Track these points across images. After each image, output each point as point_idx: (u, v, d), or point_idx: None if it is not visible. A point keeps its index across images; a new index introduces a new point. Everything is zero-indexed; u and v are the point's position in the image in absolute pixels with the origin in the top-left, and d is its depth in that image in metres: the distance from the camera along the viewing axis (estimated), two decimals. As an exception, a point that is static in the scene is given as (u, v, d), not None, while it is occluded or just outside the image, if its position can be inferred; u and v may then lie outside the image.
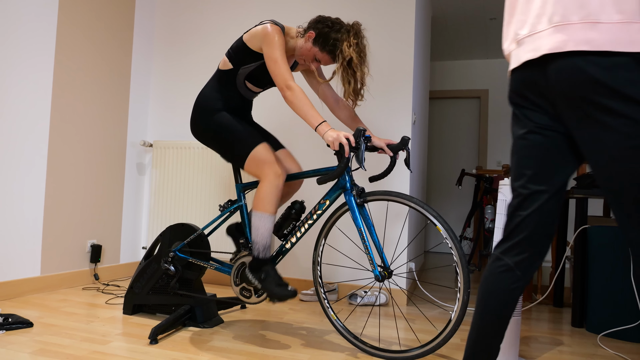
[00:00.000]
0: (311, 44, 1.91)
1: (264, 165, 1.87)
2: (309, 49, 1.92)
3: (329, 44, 1.87)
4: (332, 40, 1.86)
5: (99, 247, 3.06)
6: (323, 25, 1.89)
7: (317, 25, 1.90)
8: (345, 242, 2.96)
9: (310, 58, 1.95)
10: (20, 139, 2.58)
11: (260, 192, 1.87)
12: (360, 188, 1.88)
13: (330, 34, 1.86)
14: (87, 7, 2.97)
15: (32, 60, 2.63)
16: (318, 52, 1.91)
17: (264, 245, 1.88)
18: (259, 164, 1.88)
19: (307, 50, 1.93)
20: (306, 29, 1.94)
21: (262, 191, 1.87)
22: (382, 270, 1.80)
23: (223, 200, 3.11)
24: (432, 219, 1.73)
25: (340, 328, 1.93)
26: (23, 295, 2.60)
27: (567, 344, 2.17)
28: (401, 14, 2.94)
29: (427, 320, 2.47)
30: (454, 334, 1.69)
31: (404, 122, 2.90)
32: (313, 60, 1.96)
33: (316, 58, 1.94)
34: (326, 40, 1.87)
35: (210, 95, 2.01)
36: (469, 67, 6.20)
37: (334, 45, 1.86)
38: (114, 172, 3.23)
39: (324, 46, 1.88)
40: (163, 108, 3.51)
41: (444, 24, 5.06)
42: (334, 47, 1.86)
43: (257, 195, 1.88)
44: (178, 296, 2.21)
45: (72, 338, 1.90)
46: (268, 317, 2.40)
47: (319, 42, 1.89)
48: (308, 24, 1.94)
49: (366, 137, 1.80)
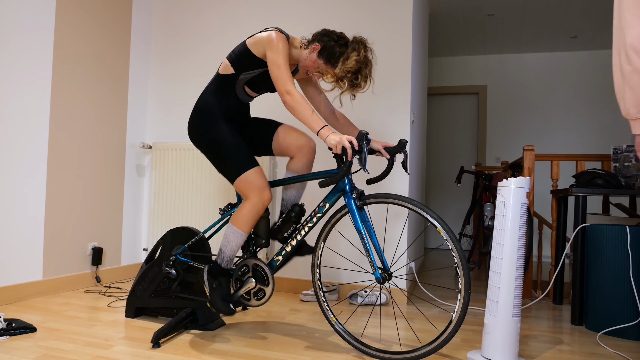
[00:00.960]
0: (316, 56, 1.92)
1: (253, 189, 1.93)
2: (313, 61, 1.94)
3: (334, 57, 1.88)
4: (337, 54, 1.88)
5: (100, 249, 3.07)
6: (329, 38, 1.91)
7: (322, 38, 1.92)
8: (345, 244, 2.97)
9: (314, 70, 1.96)
10: (20, 143, 2.58)
11: (242, 210, 1.94)
12: (360, 191, 1.89)
13: (335, 48, 1.88)
14: (83, 11, 2.97)
15: (30, 65, 2.63)
16: (322, 65, 1.93)
17: (229, 257, 1.98)
18: (247, 186, 1.93)
19: (312, 62, 1.94)
20: (310, 41, 1.95)
21: (244, 210, 1.93)
22: (383, 273, 1.81)
23: (222, 199, 3.12)
24: (432, 221, 1.74)
25: (340, 331, 1.94)
26: (26, 299, 2.61)
27: (567, 342, 2.19)
28: (398, 11, 2.94)
29: (427, 320, 2.48)
30: (455, 334, 1.70)
31: (403, 122, 2.90)
32: (317, 72, 1.97)
33: (320, 70, 1.95)
34: (332, 53, 1.89)
35: (209, 100, 2.01)
36: (467, 63, 6.20)
37: (339, 59, 1.87)
38: (114, 175, 3.24)
39: (328, 59, 1.90)
40: (161, 110, 3.51)
41: (442, 20, 5.05)
42: (338, 60, 1.88)
43: (238, 212, 1.94)
44: (180, 299, 2.22)
45: (75, 343, 1.91)
46: (269, 318, 2.41)
47: (324, 55, 1.90)
48: (312, 36, 1.96)
49: (367, 140, 1.81)
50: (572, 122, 5.80)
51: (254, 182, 1.92)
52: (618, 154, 2.76)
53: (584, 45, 5.63)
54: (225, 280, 1.96)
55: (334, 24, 3.08)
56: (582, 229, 2.57)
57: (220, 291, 1.94)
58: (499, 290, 1.80)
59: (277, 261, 2.00)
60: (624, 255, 2.32)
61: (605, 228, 2.39)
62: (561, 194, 2.90)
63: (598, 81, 5.73)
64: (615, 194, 2.58)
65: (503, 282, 1.79)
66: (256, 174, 1.93)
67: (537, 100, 5.93)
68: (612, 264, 2.35)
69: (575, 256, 2.58)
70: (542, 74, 5.92)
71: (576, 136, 5.79)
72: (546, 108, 5.89)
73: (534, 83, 5.94)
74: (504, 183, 1.84)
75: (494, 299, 1.81)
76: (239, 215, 1.94)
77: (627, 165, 2.72)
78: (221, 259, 1.97)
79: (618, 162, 2.76)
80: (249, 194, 1.93)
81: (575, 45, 5.65)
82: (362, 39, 1.90)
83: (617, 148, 2.78)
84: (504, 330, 1.78)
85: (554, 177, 3.17)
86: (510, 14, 4.82)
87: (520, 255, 1.80)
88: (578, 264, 2.57)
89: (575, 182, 2.71)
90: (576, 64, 5.81)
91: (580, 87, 5.78)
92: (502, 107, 6.06)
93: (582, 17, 4.83)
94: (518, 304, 1.80)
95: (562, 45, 5.64)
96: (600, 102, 5.72)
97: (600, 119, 5.72)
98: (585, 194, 2.60)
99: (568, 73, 5.83)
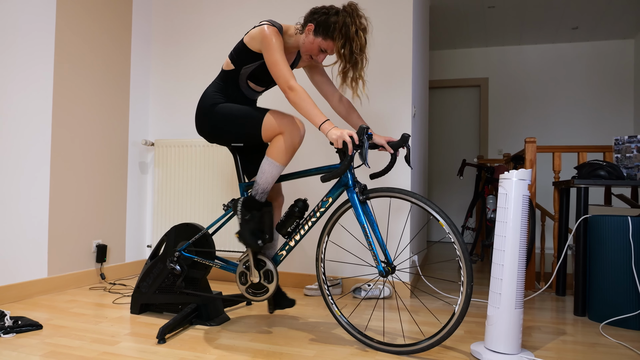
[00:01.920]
0: (313, 36, 1.91)
1: (282, 124, 1.88)
2: (311, 42, 1.93)
3: (330, 29, 1.87)
4: (332, 24, 1.86)
5: (105, 246, 3.09)
6: (319, 14, 1.90)
7: (313, 16, 1.91)
8: (348, 238, 2.98)
9: (316, 51, 1.95)
10: (23, 142, 2.59)
11: (278, 142, 1.89)
12: (363, 185, 1.90)
13: (329, 19, 1.87)
14: (84, 10, 2.97)
15: (32, 65, 2.64)
16: (322, 42, 1.91)
17: (264, 189, 1.95)
18: (275, 125, 1.89)
19: (311, 44, 1.93)
20: (304, 24, 1.95)
21: (280, 142, 1.89)
22: (386, 266, 1.82)
23: (226, 195, 3.13)
24: (435, 215, 1.75)
25: (345, 324, 1.95)
26: (32, 297, 2.63)
27: (570, 333, 2.20)
28: (399, 4, 2.93)
29: (430, 313, 2.49)
30: (457, 327, 1.71)
31: (404, 116, 2.91)
32: (319, 53, 1.96)
33: (321, 49, 1.94)
34: (327, 26, 1.87)
35: (213, 94, 2.04)
36: (468, 56, 6.19)
37: (336, 28, 1.86)
38: (117, 172, 3.25)
39: (326, 33, 1.88)
40: (163, 107, 3.51)
41: (442, 13, 5.04)
42: (335, 30, 1.86)
43: (275, 144, 1.90)
44: (184, 295, 2.23)
45: (82, 339, 1.93)
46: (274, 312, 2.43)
47: (320, 31, 1.89)
48: (304, 19, 1.95)
49: (368, 134, 1.81)
50: (573, 114, 5.79)
51: (279, 119, 1.89)
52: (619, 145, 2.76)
53: (585, 37, 5.61)
54: (258, 214, 1.94)
55: (334, 19, 3.07)
56: (584, 220, 2.58)
57: (252, 224, 1.93)
58: (502, 282, 1.81)
59: (281, 256, 2.02)
60: (626, 246, 2.32)
61: (608, 219, 2.40)
62: (563, 186, 2.90)
63: (599, 72, 5.71)
64: (617, 185, 2.58)
65: (505, 274, 1.80)
66: (276, 113, 1.91)
67: (538, 92, 5.91)
68: (615, 254, 2.36)
69: (578, 247, 2.59)
70: (543, 65, 5.90)
71: (578, 127, 5.78)
72: (548, 99, 5.88)
73: (536, 75, 5.92)
74: (506, 175, 1.85)
75: (496, 290, 1.82)
76: (276, 147, 1.90)
77: (629, 156, 2.72)
78: (255, 191, 1.95)
79: (620, 153, 2.76)
80: (282, 129, 1.88)
81: (576, 37, 5.62)
82: (352, 4, 1.87)
83: (619, 139, 2.78)
84: (507, 322, 1.79)
85: (556, 169, 3.17)
86: (511, 6, 4.80)
87: (523, 247, 1.81)
88: (580, 255, 2.58)
89: (577, 174, 2.71)
90: (578, 55, 5.79)
91: (581, 78, 5.76)
92: (503, 99, 6.05)
93: (583, 8, 4.81)
94: (521, 295, 1.81)
95: (564, 36, 5.62)
96: (602, 93, 5.71)
97: (601, 110, 5.70)
98: (587, 185, 2.60)
99: (569, 64, 5.81)
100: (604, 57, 5.71)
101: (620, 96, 5.66)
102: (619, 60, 5.66)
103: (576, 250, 2.61)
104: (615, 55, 5.67)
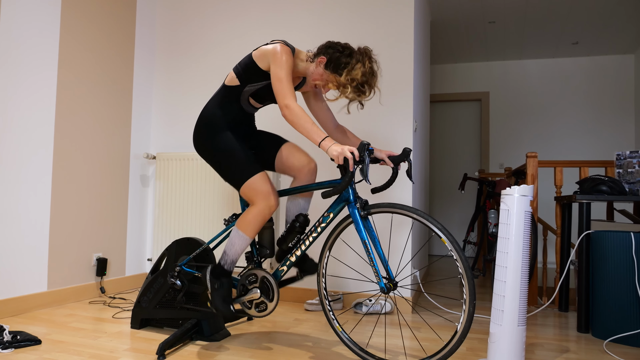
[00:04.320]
0: (322, 68, 1.93)
1: (259, 194, 1.94)
2: (320, 74, 1.94)
3: (340, 68, 1.89)
4: (343, 64, 1.89)
5: (105, 260, 3.08)
6: (334, 50, 1.92)
7: (327, 50, 1.93)
8: (350, 253, 2.97)
9: (324, 82, 1.97)
10: (25, 154, 2.60)
11: (248, 215, 1.95)
12: (364, 200, 1.90)
13: (341, 59, 1.89)
14: (88, 21, 3.00)
15: (35, 75, 2.65)
16: (329, 76, 1.93)
17: (232, 260, 2.00)
18: (253, 192, 1.94)
19: (319, 75, 1.95)
20: (316, 54, 1.96)
21: (251, 215, 1.95)
22: (387, 282, 1.81)
23: (226, 209, 3.13)
24: (437, 232, 1.74)
25: (346, 340, 1.94)
26: (31, 310, 2.62)
27: (574, 350, 2.18)
28: (400, 20, 2.95)
29: (432, 330, 2.47)
30: (460, 345, 1.69)
31: (405, 130, 2.91)
32: (326, 84, 1.98)
33: (328, 81, 1.96)
34: (338, 64, 1.89)
35: (214, 111, 2.03)
36: (469, 70, 6.22)
37: (345, 69, 1.88)
38: (118, 185, 3.25)
39: (335, 70, 1.90)
40: (165, 120, 3.53)
41: (443, 28, 5.07)
42: (344, 70, 1.89)
43: (245, 216, 1.96)
44: (185, 310, 2.22)
45: (80, 355, 1.92)
46: (274, 328, 2.41)
47: (330, 67, 1.91)
48: (318, 49, 1.96)
49: (369, 149, 1.81)
50: (574, 128, 5.80)
51: (260, 188, 1.93)
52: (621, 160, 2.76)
53: (585, 51, 5.64)
54: (227, 282, 1.98)
55: (336, 32, 3.10)
56: (586, 235, 2.56)
57: (222, 292, 1.95)
58: (504, 299, 1.79)
59: (282, 271, 2.00)
60: (629, 262, 2.31)
61: (610, 235, 2.39)
62: (565, 201, 2.90)
63: (600, 87, 5.74)
64: (619, 200, 2.57)
65: (508, 291, 1.79)
66: (262, 180, 1.94)
67: (539, 106, 5.93)
68: (618, 270, 2.34)
69: (581, 263, 2.58)
70: (544, 80, 5.92)
71: (579, 142, 5.78)
72: (548, 114, 5.89)
73: (536, 89, 5.94)
74: (508, 191, 1.84)
75: (499, 307, 1.81)
76: (245, 220, 1.95)
77: (631, 171, 2.71)
78: (224, 261, 1.99)
79: (621, 168, 2.76)
80: (256, 200, 1.94)
81: (577, 52, 5.65)
82: (366, 50, 1.91)
83: (620, 154, 2.77)
84: (510, 339, 1.77)
85: (558, 184, 3.17)
86: (512, 21, 4.84)
87: (525, 263, 1.80)
88: (583, 271, 2.56)
89: (579, 189, 2.71)
90: (578, 70, 5.81)
91: (582, 93, 5.78)
92: (504, 113, 6.06)
93: (584, 23, 4.84)
94: (523, 312, 1.79)
95: (564, 51, 5.65)
96: (603, 107, 5.72)
97: (602, 124, 5.71)
98: (589, 200, 2.59)
99: (570, 79, 5.84)
100: (604, 72, 5.73)
101: (621, 111, 5.67)
102: (620, 75, 5.69)
103: (579, 266, 2.59)
104: (616, 70, 5.70)
